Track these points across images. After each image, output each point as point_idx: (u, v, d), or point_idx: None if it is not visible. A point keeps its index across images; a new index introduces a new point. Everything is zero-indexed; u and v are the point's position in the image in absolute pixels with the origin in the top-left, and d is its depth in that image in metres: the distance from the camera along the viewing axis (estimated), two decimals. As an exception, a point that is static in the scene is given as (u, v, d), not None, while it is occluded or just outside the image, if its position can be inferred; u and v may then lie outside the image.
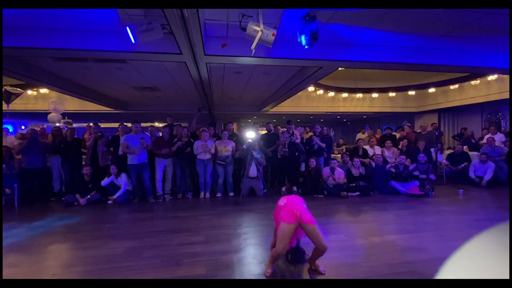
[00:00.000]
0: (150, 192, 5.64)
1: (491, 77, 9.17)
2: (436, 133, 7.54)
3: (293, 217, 2.45)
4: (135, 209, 5.14)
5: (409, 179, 6.02)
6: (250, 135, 5.85)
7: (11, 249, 3.24)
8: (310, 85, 9.23)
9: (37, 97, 10.37)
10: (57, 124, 7.79)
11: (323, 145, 6.58)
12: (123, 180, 5.50)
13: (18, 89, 7.73)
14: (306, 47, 3.59)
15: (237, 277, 2.56)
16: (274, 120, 15.86)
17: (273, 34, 3.64)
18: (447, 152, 8.25)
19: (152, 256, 3.02)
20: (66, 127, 7.67)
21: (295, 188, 6.37)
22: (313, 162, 6.11)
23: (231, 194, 6.09)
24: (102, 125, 11.46)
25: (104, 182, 5.46)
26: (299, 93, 9.71)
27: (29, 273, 2.69)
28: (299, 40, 3.68)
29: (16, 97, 7.57)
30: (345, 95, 12.05)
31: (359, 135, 9.29)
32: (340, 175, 5.96)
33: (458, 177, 7.16)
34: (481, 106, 10.74)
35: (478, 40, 5.06)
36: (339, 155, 7.48)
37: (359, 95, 12.21)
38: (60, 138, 6.07)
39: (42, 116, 9.78)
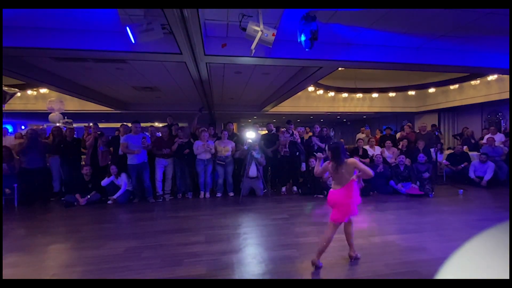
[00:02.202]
0: (150, 192, 5.65)
1: (491, 77, 9.15)
2: (436, 133, 7.53)
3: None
4: (135, 209, 5.14)
5: (408, 179, 6.02)
6: (250, 135, 5.84)
7: (11, 249, 3.24)
8: (310, 85, 9.22)
9: (37, 97, 10.36)
10: (57, 124, 7.78)
11: (323, 145, 6.57)
12: (123, 180, 5.50)
13: (13, 89, 7.69)
14: (306, 50, 3.59)
15: (237, 277, 2.56)
16: (274, 120, 15.86)
17: (273, 34, 3.64)
18: (447, 152, 8.25)
19: (152, 256, 3.02)
20: (66, 127, 7.65)
21: (295, 188, 6.37)
22: (313, 162, 6.11)
23: (231, 194, 6.09)
24: (102, 125, 11.50)
25: (104, 182, 5.46)
26: (299, 93, 9.70)
27: (29, 273, 2.70)
28: (299, 40, 3.68)
29: (10, 97, 7.51)
30: (345, 95, 12.03)
31: (359, 135, 9.28)
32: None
33: (458, 177, 7.16)
34: (481, 106, 10.72)
35: (478, 40, 5.05)
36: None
37: (359, 95, 12.20)
38: (60, 138, 6.08)
39: (42, 116, 9.77)
